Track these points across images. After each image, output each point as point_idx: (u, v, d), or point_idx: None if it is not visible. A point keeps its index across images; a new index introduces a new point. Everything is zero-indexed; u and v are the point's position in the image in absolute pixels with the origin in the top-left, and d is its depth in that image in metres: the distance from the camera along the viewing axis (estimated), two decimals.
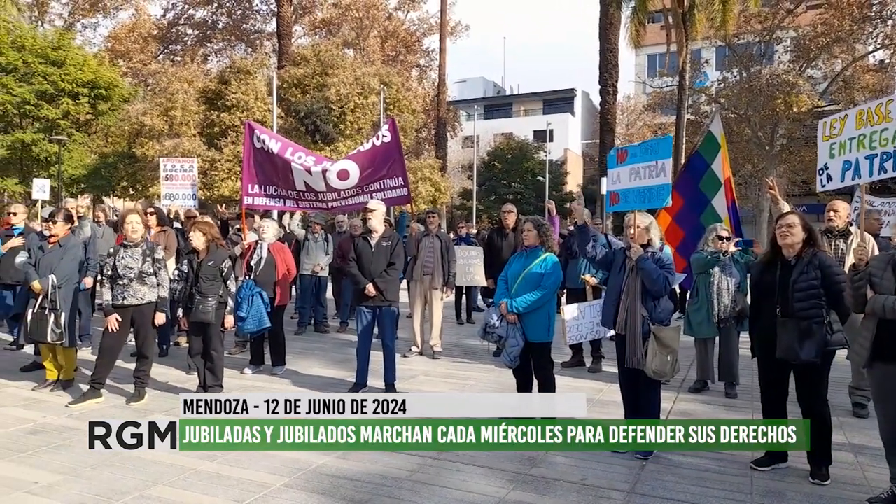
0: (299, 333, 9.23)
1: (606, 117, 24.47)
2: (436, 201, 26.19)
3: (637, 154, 4.70)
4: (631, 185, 4.71)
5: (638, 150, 4.73)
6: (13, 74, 21.67)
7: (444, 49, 33.24)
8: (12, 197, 23.52)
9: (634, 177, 4.68)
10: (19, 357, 7.17)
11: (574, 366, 7.19)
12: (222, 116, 22.51)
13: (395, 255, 6.07)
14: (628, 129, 42.25)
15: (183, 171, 9.52)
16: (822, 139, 4.37)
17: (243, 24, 40.44)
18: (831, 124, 4.32)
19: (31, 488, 3.72)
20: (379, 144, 7.74)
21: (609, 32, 23.88)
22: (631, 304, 4.42)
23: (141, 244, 5.66)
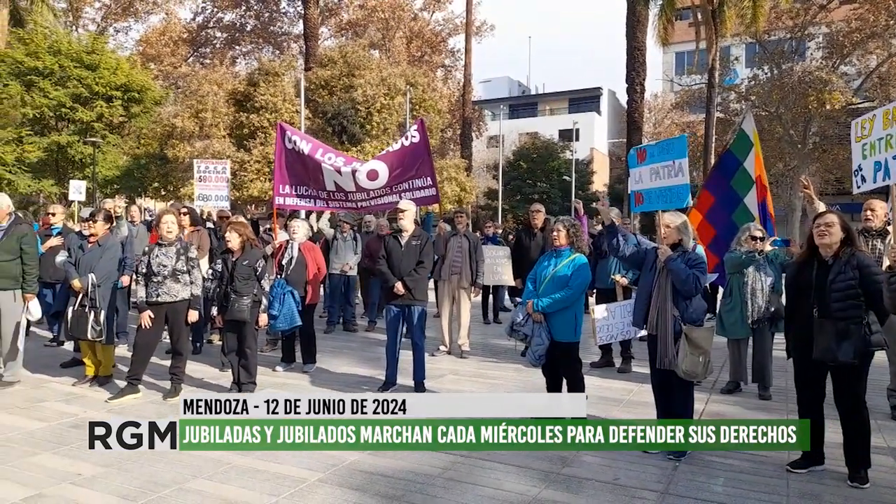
0: (328, 332, 9.33)
1: (633, 116, 24.23)
2: (461, 201, 26.21)
3: (655, 154, 4.69)
4: (652, 186, 4.69)
5: (656, 150, 4.72)
6: (49, 78, 22.23)
7: (470, 49, 33.25)
8: (48, 198, 24.15)
9: (655, 177, 4.67)
10: (59, 353, 7.37)
11: (603, 366, 7.15)
12: (251, 118, 22.83)
13: (424, 253, 6.12)
14: (656, 127, 41.84)
15: (216, 173, 9.70)
16: (856, 140, 4.31)
17: (271, 26, 40.96)
18: (862, 125, 4.26)
19: (76, 479, 3.83)
20: (408, 145, 7.81)
21: (636, 30, 23.65)
22: (662, 303, 4.40)
23: (175, 243, 5.79)
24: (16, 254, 5.80)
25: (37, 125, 22.95)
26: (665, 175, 4.48)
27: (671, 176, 4.42)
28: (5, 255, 5.74)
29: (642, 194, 4.86)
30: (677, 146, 4.43)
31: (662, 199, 4.54)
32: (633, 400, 5.87)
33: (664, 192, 4.53)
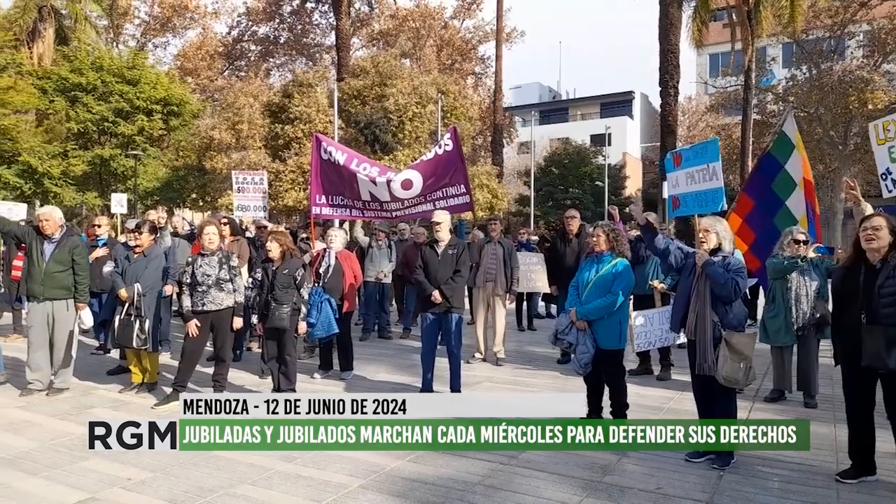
0: (364, 339, 9.41)
1: (667, 119, 23.91)
2: (493, 208, 26.19)
3: (690, 157, 4.67)
4: (689, 190, 4.66)
5: (690, 154, 4.69)
6: (93, 94, 23.00)
7: (500, 56, 33.26)
8: (91, 210, 24.92)
9: (690, 181, 4.65)
10: (105, 361, 7.59)
11: (641, 374, 7.06)
12: (286, 129, 23.22)
13: (461, 262, 6.15)
14: (690, 130, 41.23)
15: (254, 184, 9.90)
16: (877, 143, 4.20)
17: (303, 38, 41.65)
18: (884, 126, 4.14)
19: (126, 484, 3.94)
20: (441, 153, 7.84)
21: (669, 33, 23.35)
22: (701, 308, 4.34)
23: (217, 253, 5.93)
24: (68, 265, 6.00)
25: (81, 139, 23.75)
26: (700, 179, 4.45)
27: (706, 180, 4.39)
28: (58, 265, 5.95)
29: (679, 198, 4.83)
30: (710, 149, 4.39)
31: (698, 203, 4.51)
32: (672, 408, 5.79)
33: (700, 196, 4.49)
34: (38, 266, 5.93)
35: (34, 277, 5.95)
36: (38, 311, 5.98)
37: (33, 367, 6.04)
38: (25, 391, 6.06)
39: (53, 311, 5.98)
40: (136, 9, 39.59)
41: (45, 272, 5.90)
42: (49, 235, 6.01)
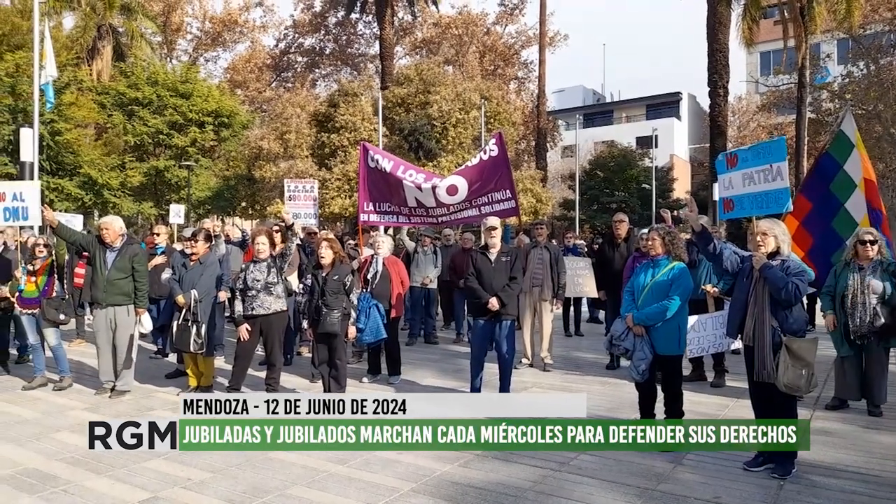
0: (410, 344, 9.47)
1: (717, 120, 23.35)
2: (537, 212, 26.04)
3: (748, 158, 4.52)
4: (746, 191, 4.52)
5: (749, 154, 4.54)
6: (148, 107, 23.89)
7: (544, 60, 33.09)
8: (146, 219, 25.85)
9: (748, 182, 4.51)
10: (163, 365, 7.85)
11: (694, 380, 6.89)
12: (332, 137, 23.64)
13: (515, 269, 6.13)
14: (740, 131, 40.15)
15: (305, 192, 10.13)
16: None
17: (348, 48, 42.38)
18: None
19: (186, 484, 4.07)
20: (486, 158, 7.86)
21: (718, 32, 22.83)
22: (759, 313, 4.22)
23: (267, 259, 6.10)
24: (128, 272, 6.26)
25: (137, 151, 24.68)
26: (760, 180, 4.31)
27: (768, 180, 4.25)
28: (119, 273, 6.22)
29: (732, 200, 4.70)
30: (775, 150, 4.26)
31: (757, 205, 4.38)
32: (729, 415, 5.62)
33: (759, 197, 4.36)
34: (101, 273, 6.20)
35: (97, 284, 6.23)
36: (101, 316, 6.26)
37: (103, 371, 6.39)
38: (100, 391, 6.40)
39: (115, 316, 6.25)
40: (189, 24, 41.08)
41: (107, 279, 6.18)
42: (110, 244, 6.27)
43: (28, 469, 4.25)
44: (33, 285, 6.51)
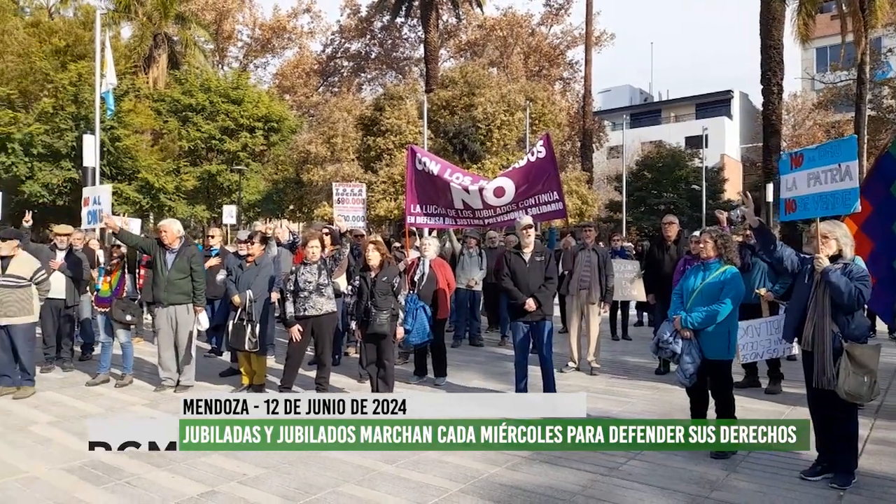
0: (455, 346, 9.51)
1: (770, 119, 22.64)
2: (583, 214, 25.78)
3: (815, 157, 4.37)
4: (810, 191, 4.37)
5: (816, 154, 4.39)
6: (201, 113, 24.67)
7: (590, 60, 32.75)
8: (199, 222, 26.68)
9: (814, 182, 4.35)
10: (216, 363, 8.10)
11: (747, 386, 6.72)
12: (377, 141, 23.92)
13: (549, 269, 6.11)
14: (796, 129, 38.87)
15: (353, 195, 10.30)
16: None
17: (393, 52, 42.82)
18: None
19: (242, 479, 4.21)
20: (534, 160, 7.84)
21: (771, 28, 22.14)
22: (819, 318, 4.10)
23: (317, 261, 6.24)
24: (187, 272, 6.52)
25: (191, 156, 25.50)
26: (827, 179, 4.16)
27: (835, 180, 4.11)
28: (179, 273, 6.47)
29: (795, 201, 4.54)
30: (845, 149, 4.12)
31: (822, 205, 4.22)
32: None
33: (825, 197, 4.21)
34: (162, 274, 6.47)
35: (158, 284, 6.50)
36: (163, 315, 6.52)
37: (164, 367, 6.64)
38: (159, 388, 6.65)
39: (175, 314, 6.50)
40: (239, 32, 42.22)
41: (167, 279, 6.44)
42: (169, 245, 6.52)
43: (94, 461, 4.46)
44: (107, 285, 6.85)
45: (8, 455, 4.66)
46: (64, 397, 6.40)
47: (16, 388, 6.36)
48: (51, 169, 19.80)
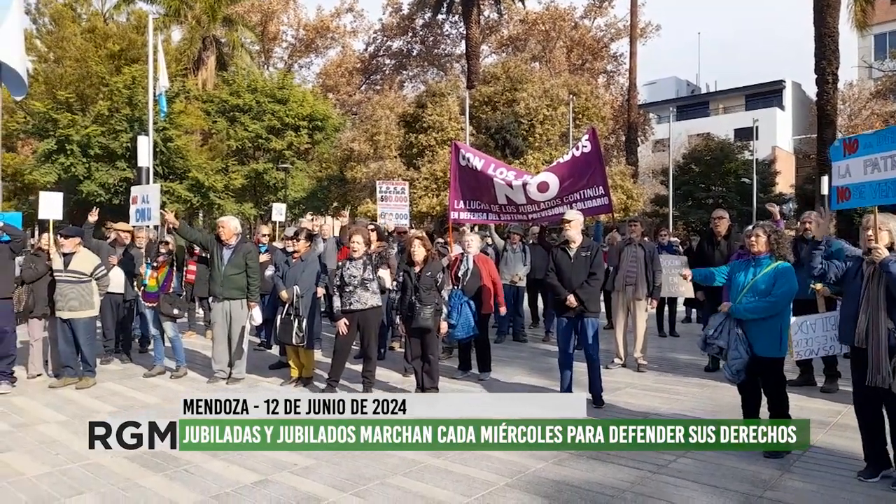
0: (499, 342, 9.50)
1: (825, 109, 21.84)
2: (627, 209, 25.38)
3: (872, 144, 4.17)
4: (867, 179, 4.18)
5: (873, 140, 4.19)
6: (248, 113, 25.24)
7: (635, 53, 32.19)
8: (247, 219, 27.29)
9: (872, 169, 4.16)
10: (265, 357, 8.30)
11: (801, 385, 6.53)
12: (419, 138, 24.04)
13: (595, 265, 6.00)
14: (852, 119, 37.35)
15: (396, 193, 10.42)
16: None
17: (435, 49, 42.92)
18: None
19: (293, 469, 4.31)
20: (579, 155, 7.78)
21: (826, 14, 21.34)
22: (873, 314, 3.94)
23: (362, 257, 6.33)
24: (242, 268, 6.71)
25: (238, 155, 26.11)
26: (887, 167, 3.98)
27: (894, 167, 3.93)
28: (234, 269, 6.67)
29: (849, 189, 4.36)
30: None
31: (881, 193, 4.04)
32: (841, 423, 5.31)
33: (883, 185, 4.02)
34: (218, 270, 6.67)
35: (214, 279, 6.71)
36: (218, 309, 6.73)
37: (217, 360, 6.85)
38: (212, 379, 6.87)
39: (230, 309, 6.70)
40: (284, 33, 42.96)
41: (223, 275, 6.64)
42: (226, 241, 6.72)
43: (154, 450, 4.63)
44: (154, 280, 7.07)
45: (72, 442, 4.88)
46: (123, 388, 6.68)
47: (78, 378, 6.66)
48: (107, 169, 20.61)
